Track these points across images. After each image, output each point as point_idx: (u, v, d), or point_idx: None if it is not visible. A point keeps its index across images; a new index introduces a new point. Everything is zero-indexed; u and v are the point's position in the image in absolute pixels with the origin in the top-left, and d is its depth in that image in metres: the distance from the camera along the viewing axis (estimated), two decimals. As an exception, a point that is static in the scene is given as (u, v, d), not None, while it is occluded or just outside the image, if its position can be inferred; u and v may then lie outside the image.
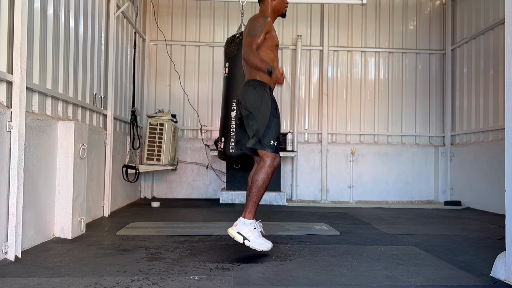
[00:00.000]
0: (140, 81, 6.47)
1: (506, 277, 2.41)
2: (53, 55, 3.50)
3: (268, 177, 2.92)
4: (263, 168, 2.93)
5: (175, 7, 6.99)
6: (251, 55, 2.91)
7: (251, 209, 2.89)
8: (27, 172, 2.93)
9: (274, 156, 2.96)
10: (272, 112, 2.97)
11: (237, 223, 2.90)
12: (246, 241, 2.81)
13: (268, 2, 3.13)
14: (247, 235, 2.83)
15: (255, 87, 3.00)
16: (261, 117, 2.94)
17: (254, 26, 2.97)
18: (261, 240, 2.87)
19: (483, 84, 6.16)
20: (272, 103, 3.00)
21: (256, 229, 2.87)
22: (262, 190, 2.92)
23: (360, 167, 6.92)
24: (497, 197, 5.45)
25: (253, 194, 2.91)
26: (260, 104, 2.95)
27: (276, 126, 2.99)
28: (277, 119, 3.01)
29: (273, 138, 2.95)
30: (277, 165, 2.99)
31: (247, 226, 2.85)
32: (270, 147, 2.94)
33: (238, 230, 2.85)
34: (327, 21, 6.99)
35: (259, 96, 2.97)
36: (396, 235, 3.87)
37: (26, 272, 2.47)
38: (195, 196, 6.78)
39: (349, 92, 7.11)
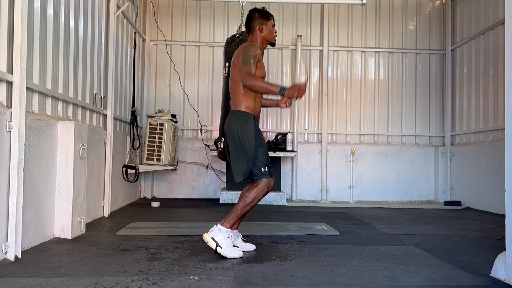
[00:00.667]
0: (140, 81, 6.47)
1: (506, 277, 2.41)
2: (53, 55, 3.50)
3: (258, 198, 2.98)
4: (256, 188, 2.99)
5: (175, 7, 6.99)
6: (257, 81, 2.91)
7: (231, 220, 2.96)
8: (27, 172, 2.93)
9: (268, 180, 3.01)
10: (256, 143, 3.00)
11: (213, 229, 2.97)
12: (218, 248, 2.89)
13: (257, 34, 3.18)
14: (220, 242, 2.90)
15: (238, 120, 3.02)
16: (247, 152, 2.98)
17: (246, 55, 3.00)
18: (231, 249, 2.93)
19: (483, 84, 6.16)
20: (256, 134, 3.02)
21: (229, 238, 2.93)
22: (249, 207, 2.98)
23: (360, 167, 6.92)
24: (497, 197, 5.44)
25: (238, 207, 2.97)
26: (245, 138, 2.98)
27: (263, 154, 3.02)
28: (262, 147, 3.04)
29: (263, 166, 3.00)
30: (271, 187, 3.04)
31: (222, 234, 2.92)
32: (262, 174, 2.99)
33: (212, 235, 2.93)
34: (327, 21, 6.99)
35: (244, 129, 2.99)
36: (396, 235, 3.87)
37: (26, 272, 2.47)
38: (195, 196, 6.78)
39: (349, 92, 7.11)
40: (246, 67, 2.96)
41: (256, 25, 3.17)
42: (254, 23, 3.18)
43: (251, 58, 2.98)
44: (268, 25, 3.19)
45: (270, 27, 3.20)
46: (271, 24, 3.21)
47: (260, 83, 2.91)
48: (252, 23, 3.19)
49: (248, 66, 2.96)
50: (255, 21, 3.18)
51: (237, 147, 3.01)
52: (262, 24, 3.17)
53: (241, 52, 3.06)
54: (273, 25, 3.22)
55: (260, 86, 2.91)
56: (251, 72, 2.94)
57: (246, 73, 2.94)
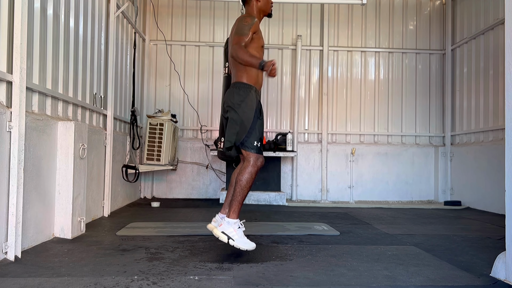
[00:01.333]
0: (140, 81, 6.47)
1: (506, 277, 2.41)
2: (53, 55, 3.50)
3: (251, 177, 2.93)
4: (247, 168, 2.94)
5: (175, 7, 6.99)
6: (241, 52, 2.89)
7: (235, 209, 2.90)
8: (27, 172, 2.93)
9: (257, 156, 2.97)
10: (256, 113, 2.98)
11: (221, 222, 2.91)
12: (231, 241, 2.82)
13: (253, 3, 3.15)
14: (231, 234, 2.83)
15: (240, 89, 3.02)
16: (245, 119, 2.96)
17: (241, 25, 2.98)
18: (245, 240, 2.87)
19: (483, 84, 6.16)
20: (257, 105, 3.01)
21: (240, 228, 2.88)
22: (246, 189, 2.92)
23: (360, 167, 6.92)
24: (497, 197, 5.45)
25: (237, 193, 2.91)
26: (244, 106, 2.97)
27: (259, 128, 3.00)
28: (260, 121, 3.02)
29: (256, 139, 2.97)
30: (261, 165, 2.99)
31: (231, 226, 2.86)
32: (253, 148, 2.95)
33: (222, 229, 2.86)
34: (327, 21, 6.99)
35: (243, 98, 2.98)
36: (396, 235, 3.87)
37: (26, 272, 2.47)
38: (195, 196, 6.78)
39: (349, 92, 7.11)
40: (236, 37, 2.94)
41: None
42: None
43: (246, 28, 2.95)
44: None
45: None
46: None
47: (242, 54, 2.88)
48: None
49: (239, 36, 2.93)
50: None
51: (236, 117, 2.98)
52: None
53: (237, 22, 3.03)
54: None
55: (242, 58, 2.89)
56: (240, 42, 2.91)
57: (235, 43, 2.92)
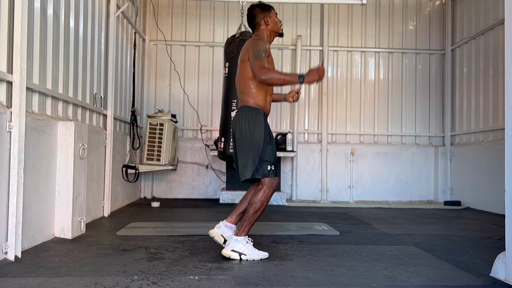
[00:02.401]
0: (140, 81, 6.46)
1: (506, 277, 2.41)
2: (53, 55, 3.50)
3: (267, 199, 2.90)
4: (262, 190, 2.91)
5: (175, 7, 6.99)
6: (273, 73, 2.83)
7: (245, 229, 2.88)
8: (27, 172, 2.93)
9: (271, 180, 2.93)
10: (265, 139, 2.93)
11: (229, 241, 2.89)
12: (243, 256, 2.82)
13: (263, 28, 3.10)
14: (242, 250, 2.83)
15: (248, 115, 2.94)
16: (256, 147, 2.90)
17: (257, 50, 2.90)
18: (257, 252, 2.87)
19: (483, 84, 6.16)
20: (266, 130, 2.95)
21: (248, 242, 2.87)
22: (260, 212, 2.89)
23: (360, 167, 6.92)
24: (497, 197, 5.44)
25: (249, 215, 2.88)
26: (254, 134, 2.91)
27: (271, 152, 2.94)
28: (271, 145, 2.97)
29: (269, 165, 2.91)
30: (276, 186, 2.96)
31: (240, 242, 2.85)
32: (268, 173, 2.90)
33: (232, 248, 2.84)
34: (327, 21, 6.99)
35: (253, 125, 2.92)
36: (396, 235, 3.87)
37: (26, 272, 2.47)
38: (195, 196, 6.78)
39: (349, 92, 7.11)
40: (258, 62, 2.86)
41: (260, 20, 3.08)
42: (257, 19, 3.09)
43: (262, 52, 2.89)
44: (272, 16, 3.10)
45: (274, 18, 3.11)
46: (274, 14, 3.12)
47: (276, 75, 2.82)
48: (255, 19, 3.10)
49: (260, 60, 2.86)
50: (258, 16, 3.08)
51: (245, 143, 2.93)
52: (266, 17, 3.07)
53: (251, 47, 2.95)
54: (276, 15, 3.14)
55: (277, 78, 2.82)
56: (264, 65, 2.84)
57: (260, 67, 2.84)
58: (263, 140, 2.91)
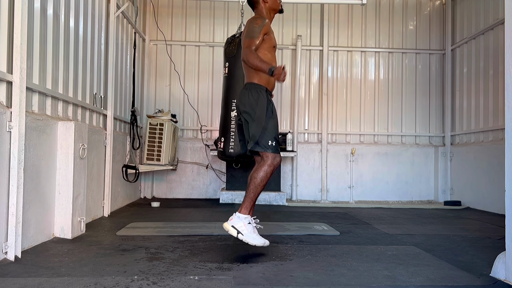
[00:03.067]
0: (140, 81, 6.46)
1: (506, 277, 2.41)
2: (53, 55, 3.50)
3: (267, 176, 2.96)
4: (263, 167, 2.97)
5: (175, 7, 6.99)
6: (251, 56, 2.91)
7: (247, 205, 2.92)
8: (27, 172, 2.93)
9: (274, 156, 2.98)
10: (267, 113, 2.98)
11: (232, 217, 2.93)
12: (240, 235, 2.84)
13: (261, 6, 3.13)
14: (241, 228, 2.85)
15: (251, 90, 3.03)
16: (257, 120, 2.98)
17: (252, 28, 2.97)
18: (254, 235, 2.88)
19: (483, 84, 6.16)
20: (268, 105, 3.01)
21: (250, 224, 2.89)
22: (260, 187, 2.95)
23: (360, 167, 6.92)
24: (497, 197, 5.44)
25: (250, 190, 2.94)
26: (255, 107, 2.98)
27: (272, 127, 3.00)
28: (273, 120, 3.02)
29: (270, 139, 2.97)
30: (277, 164, 3.01)
31: (241, 221, 2.88)
32: (268, 147, 2.97)
33: (232, 224, 2.88)
34: (327, 21, 6.99)
35: (254, 99, 3.00)
36: (396, 235, 3.87)
37: (26, 272, 2.47)
38: (195, 196, 6.78)
39: (349, 92, 7.11)
40: (247, 40, 2.95)
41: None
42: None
43: (257, 30, 2.94)
44: None
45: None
46: None
47: (252, 59, 2.89)
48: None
49: (249, 39, 2.94)
50: None
51: (250, 114, 3.00)
52: None
53: (247, 24, 3.02)
54: None
55: (251, 63, 2.91)
56: (251, 46, 2.91)
57: (245, 46, 2.94)
58: (265, 114, 2.97)
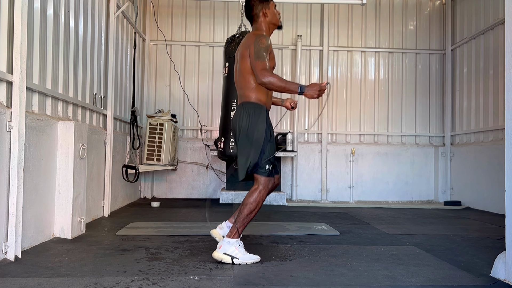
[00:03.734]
0: (140, 81, 6.46)
1: (506, 277, 2.41)
2: (53, 55, 3.50)
3: (261, 199, 2.84)
4: (257, 191, 2.84)
5: (175, 7, 6.99)
6: (274, 78, 2.74)
7: (239, 230, 2.79)
8: (27, 172, 2.93)
9: (268, 179, 2.86)
10: (266, 136, 2.85)
11: (220, 244, 2.77)
12: (235, 260, 2.72)
13: (261, 20, 3.01)
14: (234, 253, 2.73)
15: (250, 111, 2.86)
16: (255, 144, 2.83)
17: (259, 48, 2.81)
18: (249, 255, 2.78)
19: (483, 84, 6.16)
20: (267, 127, 2.87)
21: (240, 246, 2.78)
22: (254, 213, 2.82)
23: (360, 167, 6.92)
24: (497, 197, 5.44)
25: (243, 215, 2.80)
26: (255, 131, 2.83)
27: (269, 150, 2.87)
28: (271, 143, 2.89)
29: (267, 163, 2.84)
30: (272, 188, 2.91)
31: (233, 245, 2.75)
32: (264, 172, 2.84)
33: (224, 251, 2.73)
34: (327, 21, 6.99)
35: (254, 121, 2.84)
36: (396, 235, 3.87)
37: (26, 272, 2.47)
38: (195, 196, 6.78)
39: (349, 92, 7.11)
40: (260, 62, 2.77)
41: (259, 12, 2.99)
42: (255, 10, 3.00)
43: (264, 51, 2.79)
44: (271, 7, 3.02)
45: (273, 10, 3.03)
46: (273, 5, 3.04)
47: (277, 81, 2.73)
48: (253, 11, 3.01)
49: (262, 60, 2.77)
50: (256, 7, 3.00)
51: (246, 140, 2.85)
52: (264, 8, 2.99)
53: (252, 43, 2.84)
54: (275, 6, 3.06)
55: (277, 85, 2.74)
56: (266, 67, 2.76)
57: (262, 69, 2.76)
58: (263, 137, 2.84)
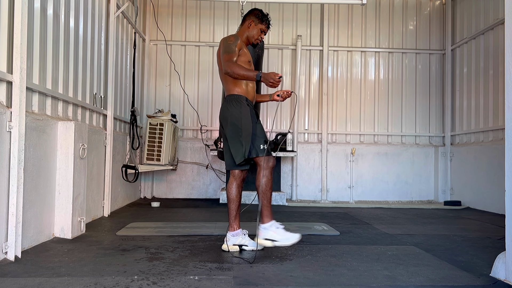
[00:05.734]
0: (140, 81, 6.46)
1: (506, 277, 2.41)
2: (53, 55, 3.50)
3: (268, 179, 3.02)
4: (261, 172, 3.02)
5: (175, 7, 6.99)
6: (235, 67, 2.97)
7: (266, 213, 3.00)
8: (27, 172, 2.93)
9: (268, 158, 3.03)
10: (253, 119, 3.07)
11: (259, 231, 2.98)
12: (276, 243, 2.93)
13: (244, 28, 3.29)
14: (273, 237, 2.94)
15: (231, 102, 3.11)
16: (245, 129, 3.02)
17: (227, 44, 3.10)
18: (287, 235, 2.96)
19: (483, 84, 6.16)
20: (251, 111, 3.10)
21: (278, 228, 2.97)
22: (268, 192, 3.01)
23: (360, 167, 6.92)
24: (497, 197, 5.45)
25: (262, 199, 3.00)
26: (240, 117, 3.04)
27: (260, 131, 3.08)
28: (259, 125, 3.11)
29: (261, 143, 3.04)
30: (272, 165, 3.07)
31: (269, 230, 2.95)
32: (261, 151, 3.02)
33: (264, 237, 2.95)
34: (327, 21, 6.99)
35: (237, 109, 3.07)
36: (396, 235, 3.87)
37: (26, 272, 2.47)
38: (195, 196, 6.78)
39: (349, 92, 7.11)
40: (226, 55, 3.04)
41: (248, 20, 3.28)
42: (248, 18, 3.29)
43: (232, 46, 3.07)
44: (257, 26, 3.26)
45: (258, 30, 3.27)
46: (261, 28, 3.27)
47: (237, 69, 2.96)
48: (247, 17, 3.30)
49: (227, 53, 3.04)
50: (249, 16, 3.28)
51: (234, 130, 3.05)
52: (253, 22, 3.26)
53: (222, 42, 3.16)
54: (262, 30, 3.28)
55: (238, 73, 2.96)
56: (231, 59, 3.01)
57: (226, 60, 3.02)
58: (250, 120, 3.05)
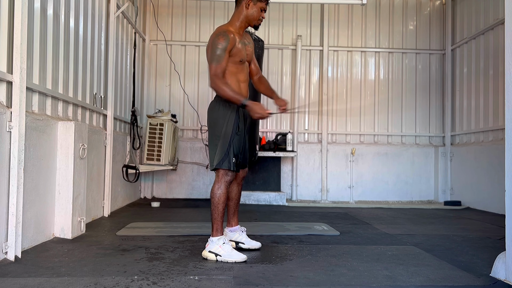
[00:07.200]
0: (140, 81, 6.46)
1: (506, 277, 2.41)
2: (53, 55, 3.50)
3: (223, 192, 2.89)
4: (216, 185, 2.91)
5: (175, 7, 6.99)
6: (221, 86, 2.80)
7: (216, 227, 2.89)
8: (27, 172, 2.93)
9: (225, 172, 2.90)
10: (234, 130, 2.91)
11: (208, 243, 2.90)
12: (218, 257, 2.81)
13: (241, 9, 2.96)
14: (217, 251, 2.82)
15: (220, 104, 2.95)
16: (224, 137, 2.91)
17: (214, 50, 2.82)
18: (232, 253, 2.83)
19: (483, 84, 6.16)
20: (236, 120, 2.93)
21: (225, 243, 2.84)
22: (220, 205, 2.89)
23: (360, 167, 6.92)
24: (497, 197, 5.44)
25: (212, 212, 2.91)
26: (223, 124, 2.92)
27: (236, 144, 2.92)
28: (238, 137, 2.93)
29: (234, 156, 2.90)
30: (229, 180, 2.92)
31: (216, 243, 2.84)
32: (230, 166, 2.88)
33: (209, 249, 2.86)
34: (327, 21, 6.99)
35: (223, 114, 2.93)
36: (396, 235, 3.87)
37: (26, 272, 2.47)
38: (195, 196, 6.77)
39: (349, 92, 7.11)
40: (212, 66, 2.82)
41: (244, 0, 2.93)
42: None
43: (221, 52, 2.80)
44: (257, 5, 2.93)
45: (258, 8, 2.94)
46: (261, 6, 2.95)
47: (223, 90, 2.80)
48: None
49: (215, 64, 2.81)
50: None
51: (214, 135, 2.95)
52: (251, 1, 2.92)
53: (211, 42, 2.87)
54: (262, 9, 2.96)
55: (222, 94, 2.83)
56: (217, 73, 2.81)
57: (212, 74, 2.83)
58: (231, 131, 2.90)
